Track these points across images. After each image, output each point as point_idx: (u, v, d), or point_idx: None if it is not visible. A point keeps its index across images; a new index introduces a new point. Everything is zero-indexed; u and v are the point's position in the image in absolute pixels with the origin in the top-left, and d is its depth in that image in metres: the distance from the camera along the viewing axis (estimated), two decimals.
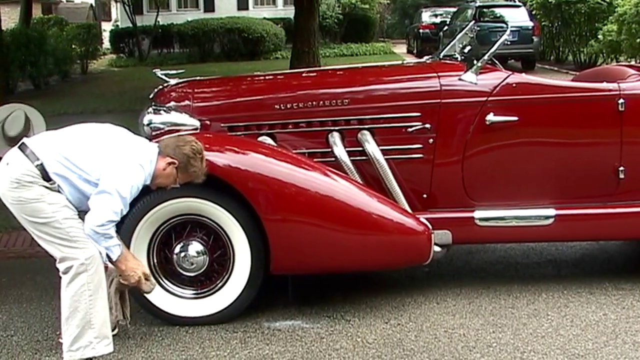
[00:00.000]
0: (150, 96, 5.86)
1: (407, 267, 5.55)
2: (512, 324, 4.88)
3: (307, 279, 5.40)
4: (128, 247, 4.67)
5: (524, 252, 6.33)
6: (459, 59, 5.97)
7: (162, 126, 5.39)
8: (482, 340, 4.66)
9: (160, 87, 5.88)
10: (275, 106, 5.46)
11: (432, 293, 5.43)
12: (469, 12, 23.29)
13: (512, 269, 5.98)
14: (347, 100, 5.41)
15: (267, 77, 6.45)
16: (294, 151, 5.27)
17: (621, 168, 5.38)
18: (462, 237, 5.34)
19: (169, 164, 4.45)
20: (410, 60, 17.89)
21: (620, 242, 6.48)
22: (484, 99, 5.31)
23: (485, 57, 5.42)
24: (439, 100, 5.34)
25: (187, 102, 5.58)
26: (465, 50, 6.12)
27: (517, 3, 24.24)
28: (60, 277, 4.33)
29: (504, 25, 6.74)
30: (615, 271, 5.84)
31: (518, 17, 22.12)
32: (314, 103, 5.42)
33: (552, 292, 5.40)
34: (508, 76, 5.40)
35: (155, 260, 5.01)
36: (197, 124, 5.42)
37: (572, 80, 6.22)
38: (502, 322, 4.91)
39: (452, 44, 6.36)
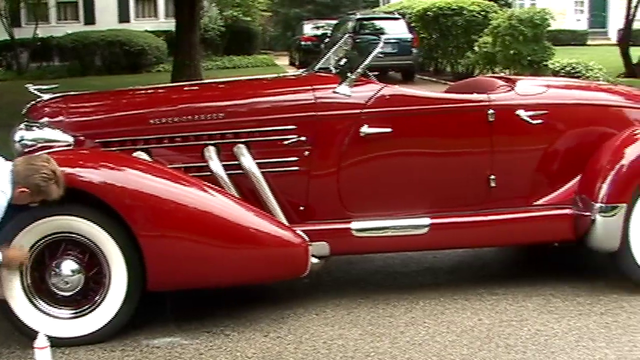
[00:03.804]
0: (23, 112, 5.71)
1: (285, 279, 5.55)
2: (390, 333, 4.94)
3: (185, 294, 5.35)
4: None
5: (402, 261, 6.42)
6: (334, 71, 6.03)
7: (33, 143, 5.26)
8: (361, 350, 4.70)
9: (34, 102, 5.73)
10: (150, 121, 5.39)
11: (312, 304, 5.45)
12: (350, 24, 23.59)
13: (391, 278, 6.05)
14: (222, 114, 5.38)
15: (143, 91, 6.37)
16: (170, 166, 5.22)
17: (492, 177, 5.52)
18: (339, 248, 5.38)
19: (21, 192, 4.42)
20: (292, 72, 18.02)
21: (494, 249, 6.65)
22: (358, 111, 5.37)
23: (359, 70, 5.48)
24: (314, 113, 5.37)
25: (60, 117, 5.46)
26: (341, 63, 6.19)
27: (396, 15, 24.65)
28: None
29: (379, 37, 6.84)
30: (490, 277, 5.98)
31: (397, 30, 22.58)
32: (189, 117, 5.37)
33: (429, 299, 5.49)
34: (382, 88, 5.47)
35: (29, 281, 4.86)
36: (71, 140, 5.30)
37: (445, 92, 6.36)
38: (380, 332, 4.97)
39: (327, 56, 6.42)
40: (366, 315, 5.24)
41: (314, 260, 5.16)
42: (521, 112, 5.51)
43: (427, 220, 5.41)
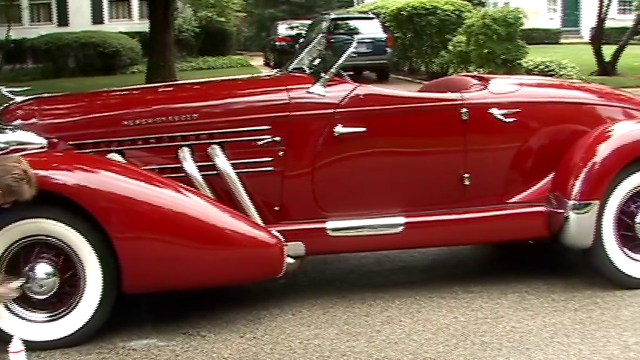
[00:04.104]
0: None
1: (261, 280, 5.55)
2: (366, 332, 4.95)
3: (161, 296, 5.34)
4: None
5: (377, 260, 6.43)
6: (308, 71, 6.03)
7: (6, 145, 5.22)
8: (337, 350, 4.71)
9: (6, 104, 5.70)
10: (124, 122, 5.37)
11: (288, 305, 5.45)
12: (324, 24, 23.62)
13: (366, 278, 6.07)
14: (196, 115, 5.37)
15: (117, 93, 6.34)
16: (144, 167, 5.20)
17: (466, 175, 5.55)
18: (315, 248, 5.38)
19: None
20: (266, 72, 18.03)
21: (469, 247, 6.69)
22: (332, 110, 5.38)
23: (332, 70, 5.48)
24: (287, 113, 5.37)
25: (33, 120, 5.42)
26: (315, 63, 6.19)
27: (371, 15, 24.71)
28: None
29: (352, 37, 6.85)
30: (465, 275, 6.01)
31: (371, 29, 22.65)
32: (163, 118, 5.35)
33: (405, 298, 5.50)
34: (355, 88, 5.48)
35: None
36: (44, 142, 5.28)
37: (419, 91, 6.38)
38: (356, 331, 4.98)
39: (301, 56, 6.41)
40: (342, 315, 5.24)
41: (290, 260, 5.16)
42: (494, 111, 5.54)
43: (401, 220, 5.43)
